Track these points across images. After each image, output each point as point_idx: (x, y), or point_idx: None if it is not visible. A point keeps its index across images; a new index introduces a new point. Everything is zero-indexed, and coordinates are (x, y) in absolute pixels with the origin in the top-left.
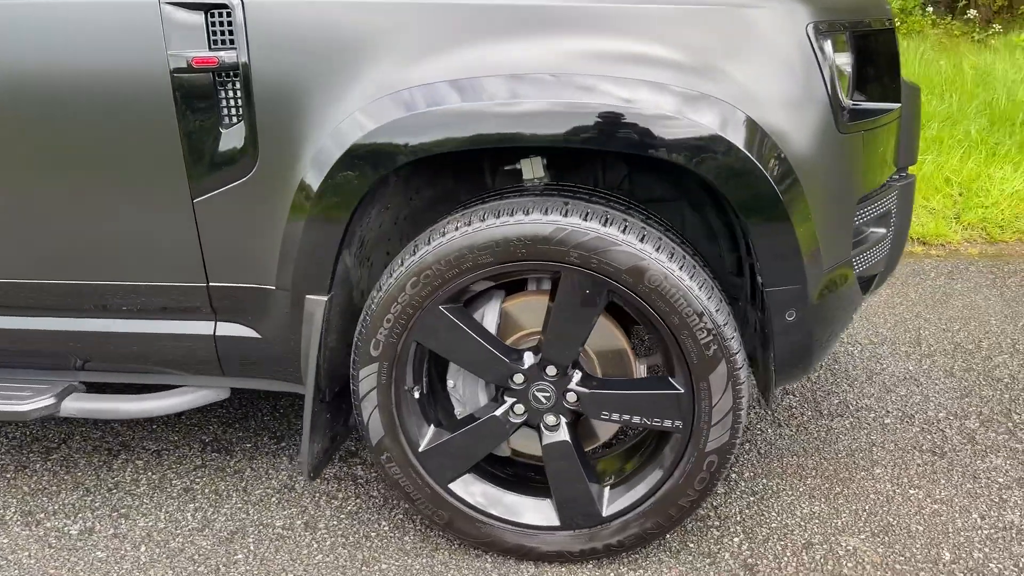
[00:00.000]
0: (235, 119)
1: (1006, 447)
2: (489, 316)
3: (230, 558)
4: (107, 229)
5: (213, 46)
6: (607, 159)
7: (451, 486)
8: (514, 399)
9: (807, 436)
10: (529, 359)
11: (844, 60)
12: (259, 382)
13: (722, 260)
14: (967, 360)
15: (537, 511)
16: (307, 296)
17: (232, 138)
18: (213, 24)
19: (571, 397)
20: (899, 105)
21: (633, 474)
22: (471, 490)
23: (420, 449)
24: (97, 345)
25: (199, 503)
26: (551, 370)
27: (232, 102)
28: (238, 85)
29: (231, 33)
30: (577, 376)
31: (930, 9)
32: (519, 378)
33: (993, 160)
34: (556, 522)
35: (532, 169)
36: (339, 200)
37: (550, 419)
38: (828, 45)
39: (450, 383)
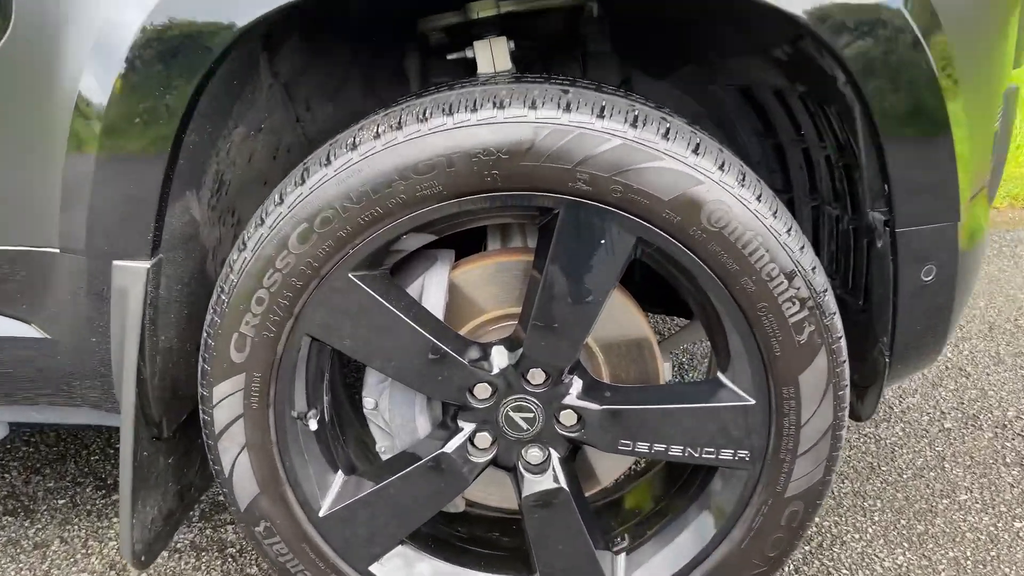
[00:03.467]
0: None
1: None
2: (432, 291)
3: None
4: None
5: None
6: (587, 51)
7: (373, 568)
8: (475, 424)
9: (854, 451)
10: (500, 358)
11: None
12: (48, 411)
13: None
14: (1011, 342)
15: None
16: (115, 263)
17: None
18: None
19: (568, 419)
20: None
21: (662, 532)
22: (405, 573)
23: (322, 513)
24: None
25: None
26: (536, 376)
27: None
28: None
29: None
30: (578, 384)
31: None
32: (483, 390)
33: None
34: None
35: (492, 56)
36: (158, 97)
37: (534, 454)
38: None
39: (369, 402)
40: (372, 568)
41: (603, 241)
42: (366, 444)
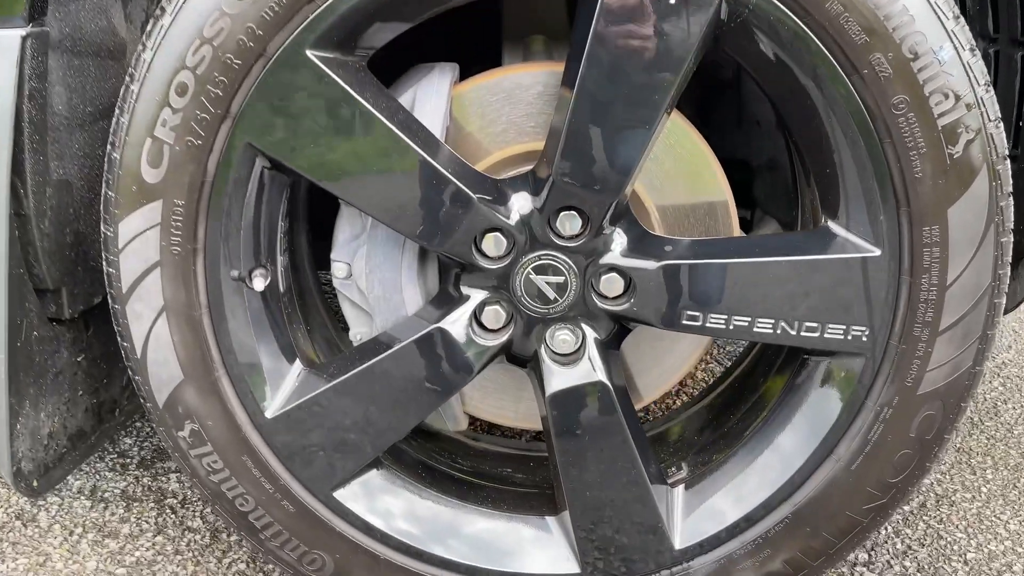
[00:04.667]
0: None
1: None
2: (428, 104)
3: None
4: None
5: None
6: None
7: (339, 495)
8: (484, 293)
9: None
10: (519, 200)
11: None
12: None
13: None
14: None
15: (534, 544)
16: None
17: None
18: None
19: (611, 286)
20: None
21: (733, 456)
22: (384, 505)
23: (270, 413)
24: None
25: None
26: (568, 223)
27: None
28: None
29: None
30: (623, 238)
31: None
32: (496, 243)
33: None
34: (574, 568)
35: None
36: None
37: (563, 338)
38: None
39: (339, 268)
40: (338, 494)
41: (672, 2)
42: (337, 345)
